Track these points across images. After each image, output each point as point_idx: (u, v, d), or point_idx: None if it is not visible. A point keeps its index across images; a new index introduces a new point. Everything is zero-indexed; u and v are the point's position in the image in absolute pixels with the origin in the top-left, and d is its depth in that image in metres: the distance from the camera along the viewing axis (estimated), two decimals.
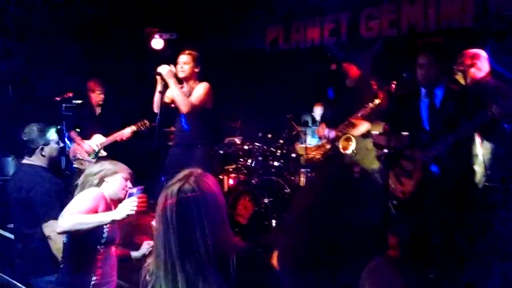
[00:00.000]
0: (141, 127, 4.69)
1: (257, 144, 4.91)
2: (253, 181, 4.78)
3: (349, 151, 4.13)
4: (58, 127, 4.63)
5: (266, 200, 4.45)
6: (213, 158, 4.13)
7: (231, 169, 5.37)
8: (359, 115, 4.02)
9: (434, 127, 2.71)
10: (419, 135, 2.75)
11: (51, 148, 2.74)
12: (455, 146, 2.57)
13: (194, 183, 1.35)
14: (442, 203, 2.55)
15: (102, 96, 4.84)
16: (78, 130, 4.80)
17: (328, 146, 4.34)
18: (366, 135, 3.99)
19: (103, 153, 4.75)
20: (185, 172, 1.41)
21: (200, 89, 3.72)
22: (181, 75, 3.70)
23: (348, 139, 4.17)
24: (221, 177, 5.35)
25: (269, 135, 5.13)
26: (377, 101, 3.92)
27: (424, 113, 2.78)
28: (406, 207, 2.73)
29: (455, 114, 2.60)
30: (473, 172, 3.07)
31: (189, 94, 3.71)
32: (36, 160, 2.70)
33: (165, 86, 3.59)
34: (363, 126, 3.96)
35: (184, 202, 1.32)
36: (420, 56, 2.72)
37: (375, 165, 3.82)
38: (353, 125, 4.04)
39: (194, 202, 1.32)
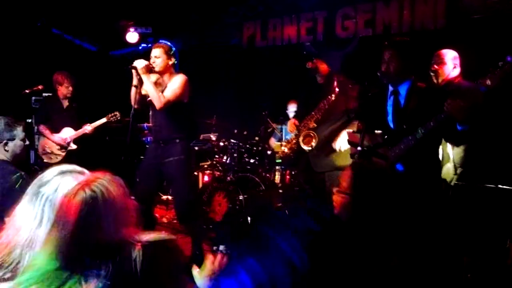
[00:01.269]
0: (112, 119, 4.63)
1: (232, 140, 4.90)
2: (228, 178, 4.75)
3: (309, 148, 4.19)
4: (29, 120, 4.53)
5: (241, 197, 4.45)
6: (191, 154, 4.06)
7: (206, 166, 5.34)
8: (318, 109, 4.16)
9: (399, 125, 2.74)
10: (385, 133, 2.78)
11: (15, 145, 2.66)
12: (419, 145, 2.60)
13: (100, 191, 1.27)
14: (406, 201, 2.59)
15: (70, 88, 4.69)
16: (45, 125, 4.67)
17: (294, 141, 4.39)
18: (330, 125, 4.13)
19: (73, 146, 4.66)
20: (93, 175, 1.34)
21: (175, 83, 3.60)
22: (155, 69, 3.63)
23: (309, 135, 4.23)
24: (196, 173, 5.32)
25: (245, 132, 5.12)
26: (332, 97, 4.04)
27: (390, 111, 2.81)
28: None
29: (418, 112, 2.63)
30: (439, 170, 3.15)
31: (164, 88, 3.62)
32: None
33: (140, 80, 3.52)
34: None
35: (84, 209, 1.25)
36: (384, 51, 2.77)
37: (339, 162, 3.89)
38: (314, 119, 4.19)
39: (95, 210, 1.26)
